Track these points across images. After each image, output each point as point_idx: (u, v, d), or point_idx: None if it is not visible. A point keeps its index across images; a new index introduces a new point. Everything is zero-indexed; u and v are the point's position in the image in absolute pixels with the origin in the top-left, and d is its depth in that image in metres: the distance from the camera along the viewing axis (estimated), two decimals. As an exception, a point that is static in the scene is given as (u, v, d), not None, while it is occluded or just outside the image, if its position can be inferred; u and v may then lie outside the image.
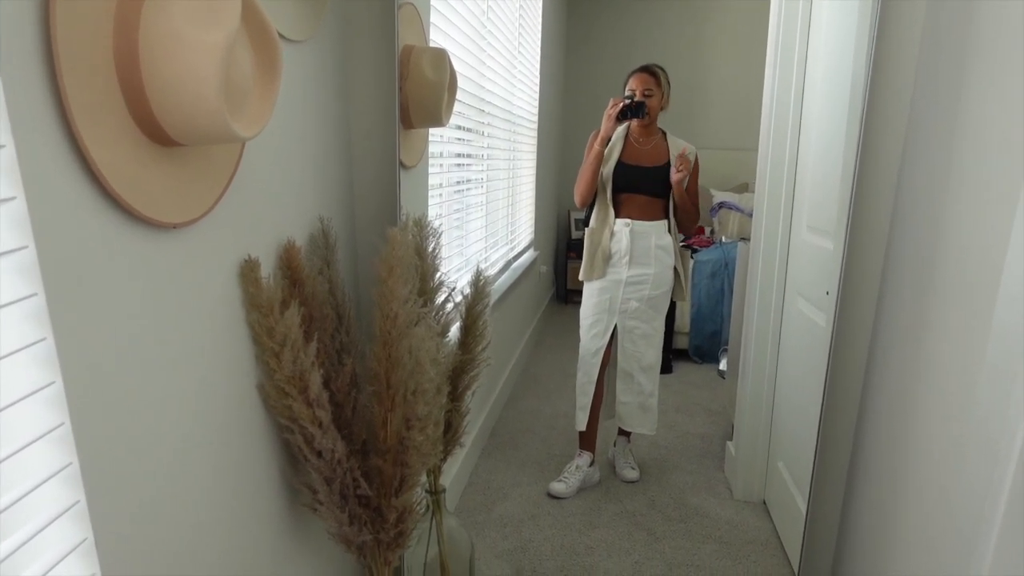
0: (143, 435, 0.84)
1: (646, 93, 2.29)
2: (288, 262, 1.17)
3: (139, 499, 0.83)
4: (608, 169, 2.34)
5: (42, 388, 0.68)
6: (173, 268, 0.88)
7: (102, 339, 0.76)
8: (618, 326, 2.41)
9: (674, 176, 2.28)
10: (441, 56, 1.51)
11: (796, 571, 1.78)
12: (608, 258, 2.38)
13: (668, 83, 2.34)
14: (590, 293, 2.44)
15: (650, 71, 2.31)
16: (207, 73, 0.74)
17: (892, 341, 1.42)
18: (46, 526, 0.69)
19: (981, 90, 1.12)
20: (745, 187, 4.59)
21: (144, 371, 0.83)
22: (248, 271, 1.05)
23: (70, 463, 0.72)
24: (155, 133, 0.78)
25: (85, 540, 0.74)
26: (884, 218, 1.46)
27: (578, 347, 2.48)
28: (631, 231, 2.34)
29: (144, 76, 0.74)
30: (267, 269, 1.12)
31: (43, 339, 0.68)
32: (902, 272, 1.39)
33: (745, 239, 2.77)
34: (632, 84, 2.32)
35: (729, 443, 2.59)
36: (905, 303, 1.37)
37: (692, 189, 2.40)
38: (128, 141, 0.76)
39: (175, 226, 0.86)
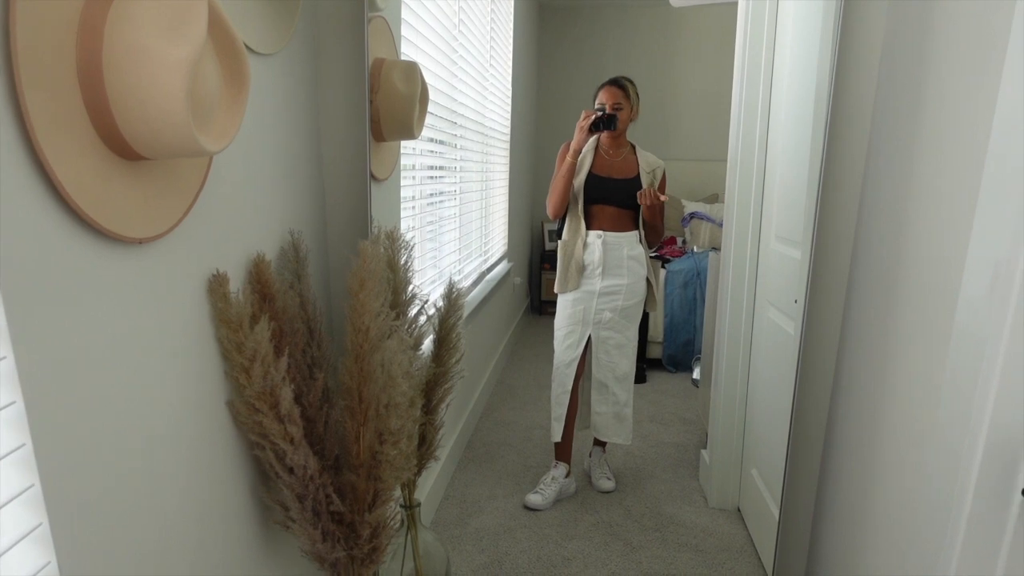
0: (108, 454, 0.82)
1: (616, 107, 2.31)
2: (258, 276, 1.16)
3: (105, 520, 0.81)
4: (579, 181, 2.35)
5: (2, 408, 0.67)
6: (139, 284, 0.87)
7: (65, 357, 0.74)
8: (592, 337, 2.42)
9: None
10: (412, 69, 1.52)
11: (770, 577, 1.80)
12: (582, 269, 2.39)
13: (637, 96, 2.37)
14: (564, 305, 2.46)
15: (619, 84, 2.34)
16: (173, 87, 0.73)
17: (859, 347, 1.45)
18: (8, 549, 0.67)
19: (938, 100, 1.16)
20: (716, 197, 4.65)
21: (109, 389, 0.82)
22: (217, 286, 1.03)
23: (32, 485, 0.70)
24: (120, 147, 0.77)
25: (48, 563, 0.72)
26: (849, 227, 1.49)
27: (552, 358, 2.49)
28: (603, 242, 2.36)
29: (108, 90, 0.73)
30: (236, 284, 1.11)
31: (3, 358, 0.66)
32: (867, 280, 1.42)
33: (716, 249, 2.81)
34: (602, 97, 2.34)
35: (703, 451, 2.61)
36: (870, 310, 1.39)
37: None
38: (92, 155, 0.75)
39: (141, 241, 0.85)
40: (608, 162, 2.38)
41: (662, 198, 2.28)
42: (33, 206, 0.69)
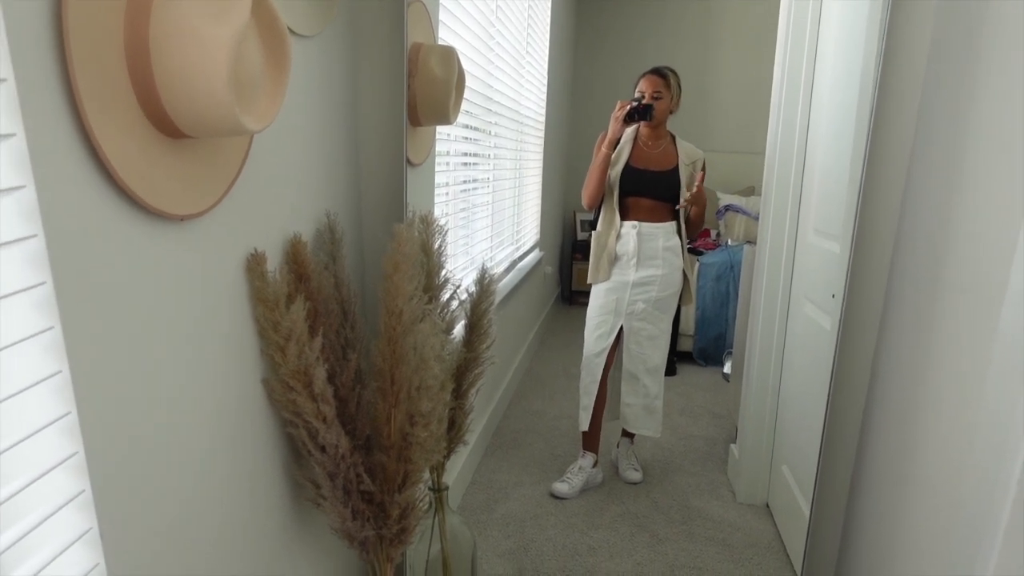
0: (148, 425, 0.84)
1: (655, 96, 2.28)
2: (294, 256, 1.17)
3: (143, 489, 0.84)
4: (616, 172, 2.33)
5: (49, 377, 0.69)
6: (180, 260, 0.89)
7: (109, 329, 0.76)
8: (624, 328, 2.40)
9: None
10: (450, 54, 1.52)
11: (799, 574, 1.78)
12: (613, 261, 2.37)
13: (679, 86, 2.34)
14: (597, 294, 2.44)
15: (660, 73, 2.30)
16: (217, 66, 0.74)
17: (898, 344, 1.42)
18: (51, 515, 0.70)
19: (990, 93, 1.12)
20: (752, 190, 4.58)
21: (150, 362, 0.84)
22: (255, 265, 1.05)
23: (76, 452, 0.72)
24: (164, 125, 0.79)
25: (90, 529, 0.75)
26: (891, 221, 1.46)
27: (582, 348, 2.48)
28: (638, 233, 2.34)
29: (154, 69, 0.75)
30: (273, 263, 1.12)
31: (51, 328, 0.68)
32: (909, 275, 1.39)
33: (751, 242, 2.77)
34: (642, 86, 2.31)
35: (733, 446, 2.58)
36: (911, 306, 1.36)
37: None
38: (138, 133, 0.76)
39: (183, 218, 0.87)
40: (646, 154, 2.36)
41: (694, 190, 2.26)
42: (81, 181, 0.71)
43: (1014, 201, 1.00)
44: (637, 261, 2.35)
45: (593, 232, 2.43)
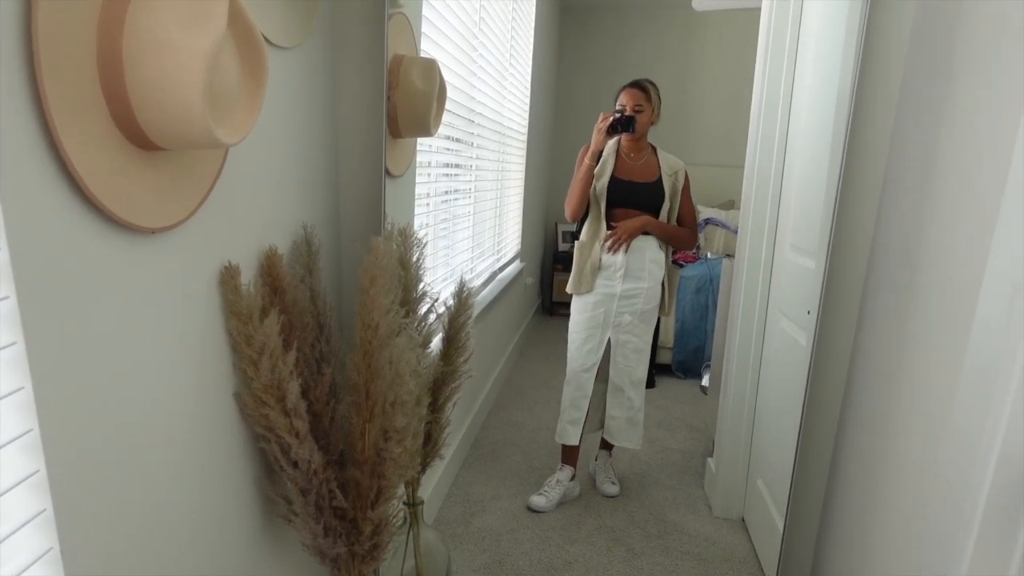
0: (114, 442, 0.82)
1: (636, 108, 2.30)
2: (269, 269, 1.16)
3: (108, 508, 0.82)
4: (602, 185, 2.34)
5: (11, 393, 0.67)
6: (151, 273, 0.87)
7: (75, 345, 0.74)
8: (611, 340, 2.41)
9: (673, 240, 2.43)
10: (431, 66, 1.51)
11: (773, 590, 1.78)
12: (596, 272, 2.37)
13: (659, 98, 2.36)
14: (582, 307, 2.43)
15: (641, 86, 2.32)
16: (192, 78, 0.73)
17: (871, 362, 1.43)
18: (11, 534, 0.68)
19: (960, 115, 1.14)
20: (731, 204, 4.62)
21: (118, 377, 0.82)
22: (228, 278, 1.04)
23: (37, 470, 0.70)
24: (137, 137, 0.77)
25: (51, 549, 0.73)
26: (865, 238, 1.48)
27: (563, 359, 2.47)
28: (626, 245, 2.34)
29: (127, 80, 0.74)
30: (248, 276, 1.11)
31: (13, 343, 0.67)
32: (882, 293, 1.40)
33: (730, 255, 2.79)
34: (623, 99, 2.33)
35: (709, 460, 2.59)
36: (884, 324, 1.38)
37: (687, 207, 2.42)
38: (109, 144, 0.75)
39: (154, 231, 0.85)
40: (630, 166, 2.37)
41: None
42: (49, 194, 0.69)
43: (985, 221, 1.01)
44: (624, 273, 2.35)
45: (576, 242, 2.43)
